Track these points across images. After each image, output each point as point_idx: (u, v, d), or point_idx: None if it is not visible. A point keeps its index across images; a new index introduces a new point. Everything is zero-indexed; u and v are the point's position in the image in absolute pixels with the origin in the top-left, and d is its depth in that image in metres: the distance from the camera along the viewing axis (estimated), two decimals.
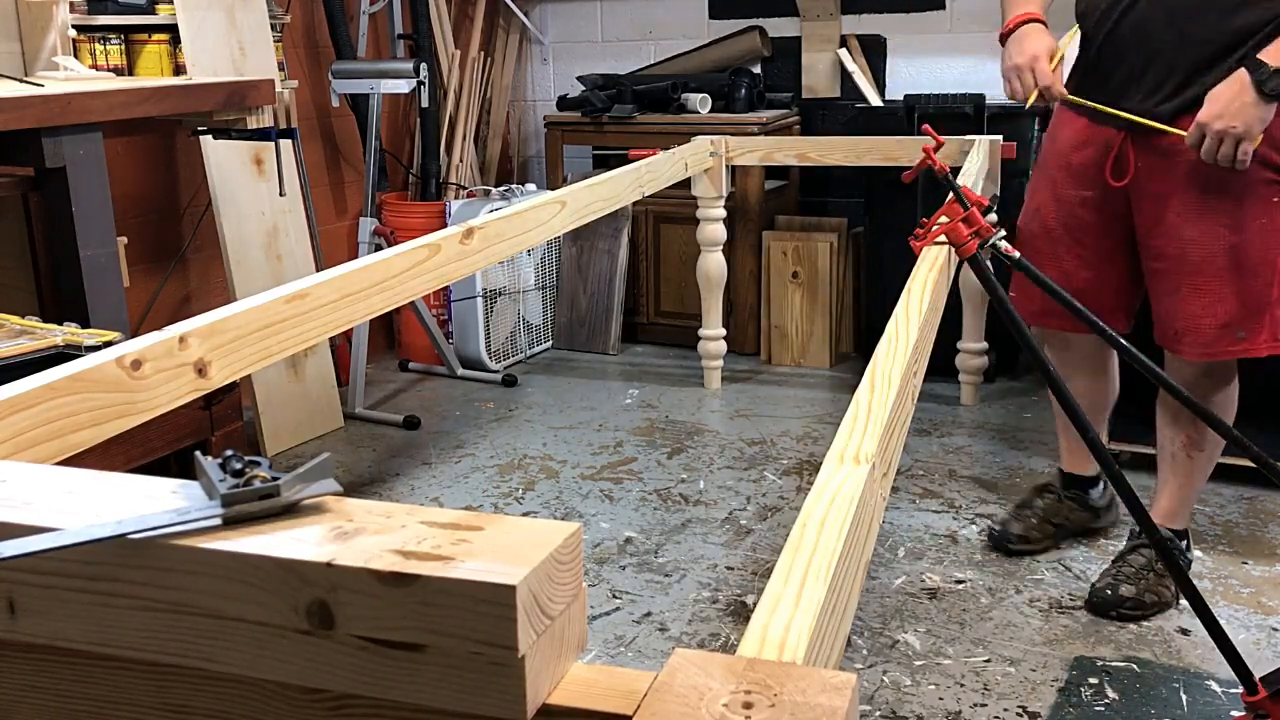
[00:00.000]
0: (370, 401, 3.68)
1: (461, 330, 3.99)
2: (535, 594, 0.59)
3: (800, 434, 3.33)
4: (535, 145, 4.82)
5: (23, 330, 1.95)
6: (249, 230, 3.22)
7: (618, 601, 2.40)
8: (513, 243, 2.19)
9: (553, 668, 0.62)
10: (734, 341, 3.98)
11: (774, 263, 3.97)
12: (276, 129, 2.95)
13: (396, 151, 4.28)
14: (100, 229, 2.45)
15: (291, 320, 1.56)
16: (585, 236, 4.16)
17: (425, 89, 3.62)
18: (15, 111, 2.23)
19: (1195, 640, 2.17)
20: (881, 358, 1.44)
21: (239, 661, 0.64)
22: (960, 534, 2.66)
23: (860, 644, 2.20)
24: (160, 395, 1.34)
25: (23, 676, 0.72)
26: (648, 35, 4.52)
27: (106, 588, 0.66)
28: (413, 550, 0.61)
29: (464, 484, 3.04)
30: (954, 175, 1.93)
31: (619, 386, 3.83)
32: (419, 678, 0.60)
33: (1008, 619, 2.29)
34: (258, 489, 0.66)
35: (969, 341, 3.52)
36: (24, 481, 0.73)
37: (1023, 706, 2.00)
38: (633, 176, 2.88)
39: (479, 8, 4.45)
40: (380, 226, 3.72)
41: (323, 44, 3.92)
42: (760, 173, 3.99)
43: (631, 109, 4.06)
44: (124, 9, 3.04)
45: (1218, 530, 2.64)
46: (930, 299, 1.72)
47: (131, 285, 2.94)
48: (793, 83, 4.27)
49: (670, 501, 2.89)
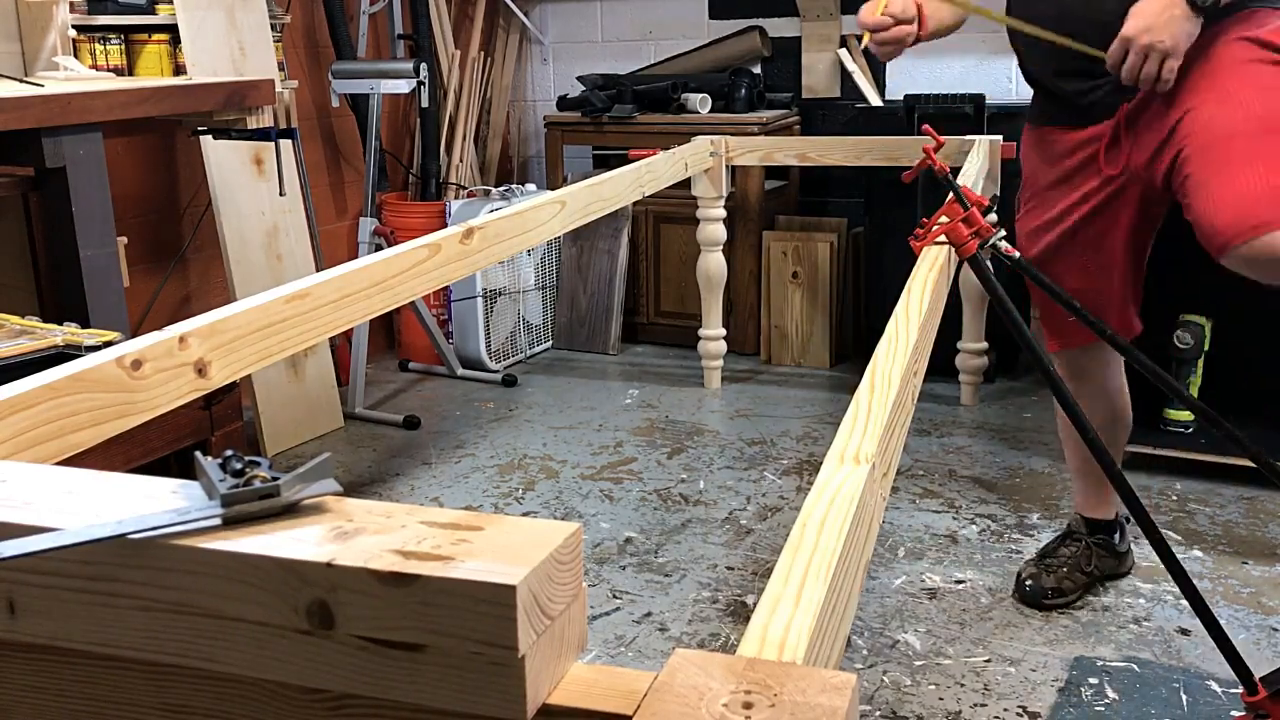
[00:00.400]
0: (370, 401, 3.68)
1: (461, 330, 3.99)
2: (535, 594, 0.59)
3: (800, 434, 3.33)
4: (535, 145, 4.82)
5: (23, 330, 1.95)
6: (249, 230, 3.22)
7: (618, 601, 2.40)
8: (513, 243, 2.19)
9: (553, 668, 0.62)
10: (734, 341, 3.98)
11: (774, 263, 3.97)
12: (276, 129, 2.95)
13: (396, 151, 4.28)
14: (100, 229, 2.45)
15: (291, 320, 1.56)
16: (585, 236, 4.16)
17: (425, 89, 3.62)
18: (15, 111, 2.24)
19: (1195, 640, 2.17)
20: (881, 358, 1.44)
21: (239, 661, 0.64)
22: (960, 534, 2.66)
23: (860, 644, 2.20)
24: (160, 395, 1.34)
25: (23, 676, 0.72)
26: (648, 35, 4.52)
27: (106, 588, 0.66)
28: (413, 550, 0.61)
29: (464, 484, 3.04)
30: (954, 175, 1.93)
31: (619, 386, 3.83)
32: (419, 678, 0.60)
33: (1008, 619, 2.29)
34: (258, 489, 0.66)
35: (969, 341, 3.52)
36: (24, 481, 0.73)
37: (1023, 706, 2.00)
38: (633, 176, 2.88)
39: (479, 8, 4.45)
40: (380, 226, 3.72)
41: (323, 44, 3.92)
42: (760, 173, 3.99)
43: (631, 109, 4.06)
44: (124, 9, 3.04)
45: (1218, 530, 2.64)
46: (930, 299, 1.72)
47: (131, 285, 2.94)
48: (793, 83, 4.27)
49: (670, 501, 2.89)
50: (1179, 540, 2.58)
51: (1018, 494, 2.87)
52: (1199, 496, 2.82)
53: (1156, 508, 2.74)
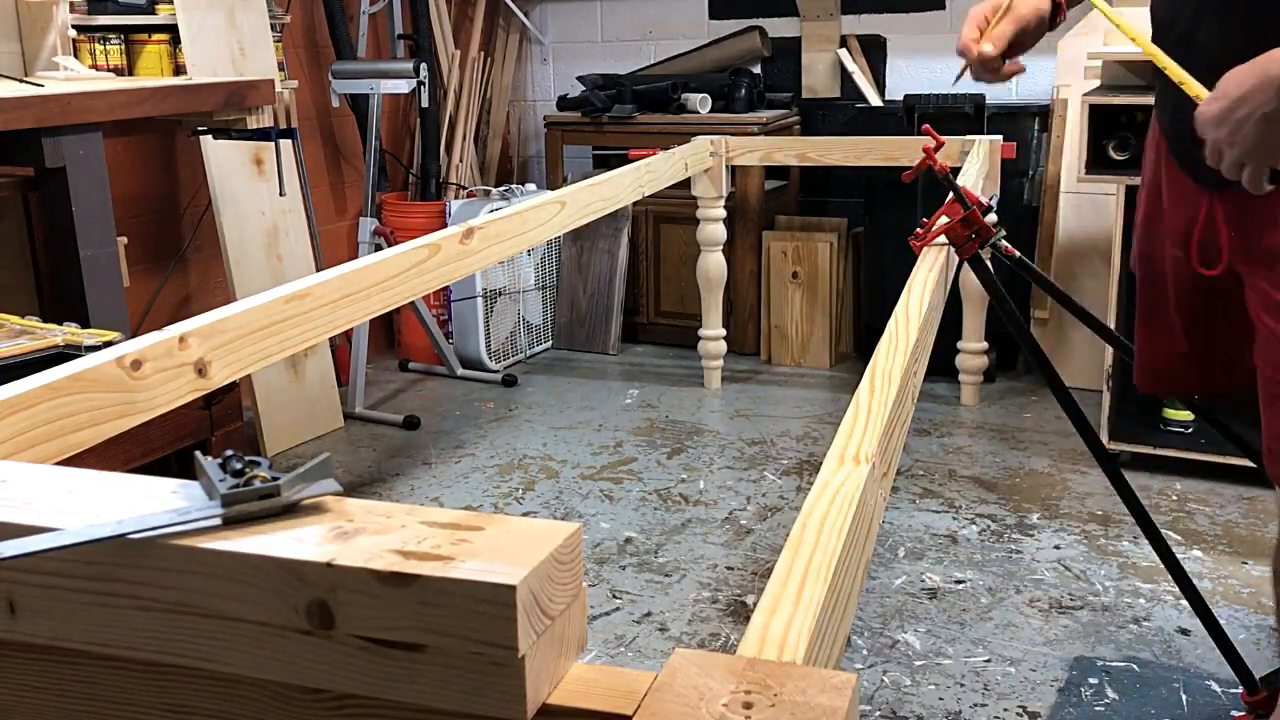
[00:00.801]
0: (370, 401, 3.68)
1: (461, 330, 3.99)
2: (535, 594, 0.59)
3: (800, 434, 3.33)
4: (535, 145, 4.82)
5: (23, 330, 1.95)
6: (249, 230, 3.22)
7: (618, 601, 2.40)
8: (513, 243, 2.19)
9: (553, 668, 0.62)
10: (734, 341, 3.98)
11: (774, 263, 3.97)
12: (276, 129, 2.95)
13: (396, 151, 4.28)
14: (100, 229, 2.45)
15: (291, 320, 1.56)
16: (585, 236, 4.16)
17: (425, 89, 3.62)
18: (15, 111, 2.23)
19: (1195, 640, 2.17)
20: (881, 358, 1.44)
21: (239, 661, 0.64)
22: (960, 534, 2.66)
23: (860, 644, 2.20)
24: (160, 395, 1.34)
25: (23, 676, 0.72)
26: (648, 35, 4.52)
27: (106, 588, 0.66)
28: (413, 550, 0.61)
29: (464, 484, 3.04)
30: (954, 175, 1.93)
31: (619, 386, 3.83)
32: (419, 678, 0.60)
33: (1008, 619, 2.29)
34: (258, 489, 0.66)
35: (969, 341, 3.52)
36: (24, 481, 0.73)
37: (1023, 706, 2.00)
38: (633, 176, 2.88)
39: (479, 8, 4.45)
40: (380, 226, 3.72)
41: (323, 44, 3.92)
42: (760, 173, 3.99)
43: (631, 109, 4.06)
44: (124, 9, 3.04)
45: (1218, 530, 2.64)
46: (930, 299, 1.72)
47: (131, 285, 2.94)
48: (793, 83, 4.27)
49: (670, 501, 2.89)
50: (1179, 540, 2.58)
51: (1018, 494, 2.87)
52: (1199, 496, 2.82)
53: (1156, 508, 2.74)
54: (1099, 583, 2.41)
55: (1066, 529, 2.66)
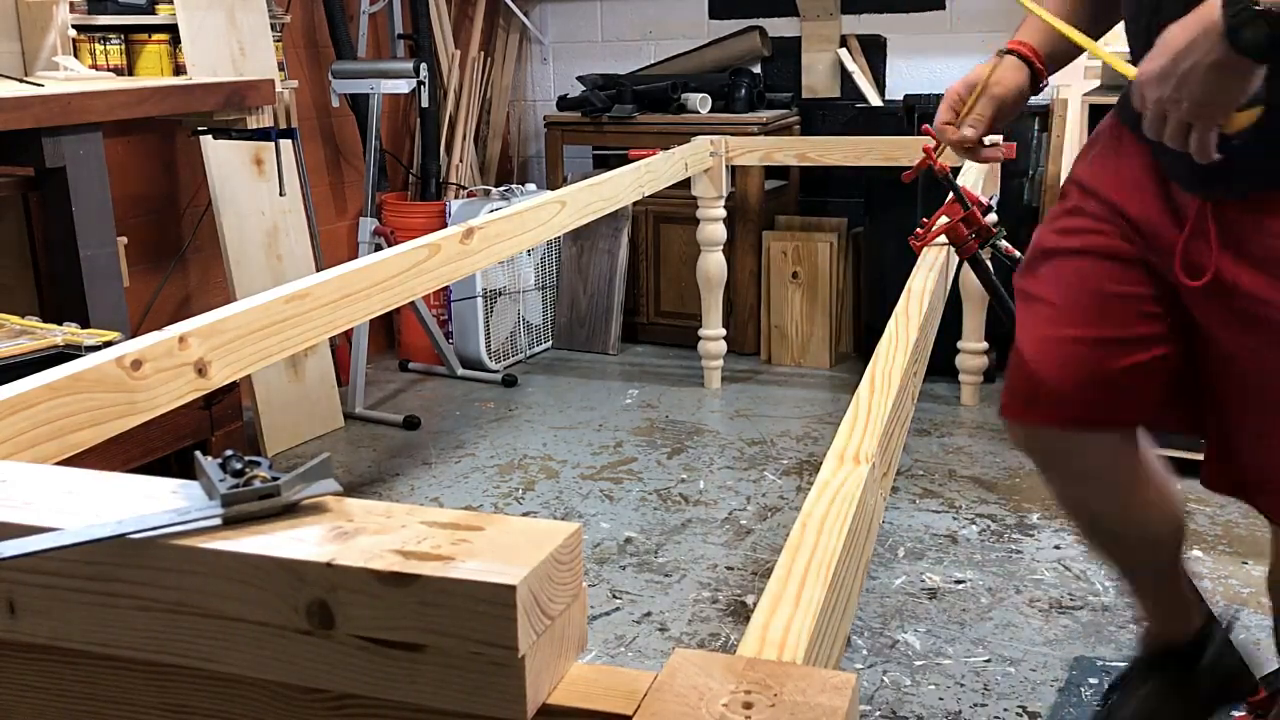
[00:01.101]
0: (370, 401, 3.68)
1: (461, 330, 3.99)
2: (535, 594, 0.59)
3: (800, 434, 3.33)
4: (535, 145, 4.82)
5: (23, 330, 1.95)
6: (249, 230, 3.22)
7: (618, 601, 2.40)
8: (513, 243, 2.19)
9: (553, 668, 0.62)
10: (734, 341, 3.98)
11: (774, 263, 3.97)
12: (276, 129, 2.95)
13: (396, 151, 4.28)
14: (100, 229, 2.45)
15: (291, 320, 1.56)
16: (585, 236, 4.16)
17: (425, 89, 3.62)
18: (15, 111, 2.23)
19: None
20: (881, 358, 1.44)
21: (239, 661, 0.64)
22: (960, 534, 2.66)
23: (860, 644, 2.20)
24: (160, 395, 1.34)
25: (23, 676, 0.72)
26: (648, 35, 4.52)
27: (106, 588, 0.66)
28: (413, 550, 0.61)
29: (464, 484, 3.04)
30: (954, 175, 1.93)
31: (619, 386, 3.83)
32: (419, 678, 0.60)
33: (1008, 619, 2.29)
34: (258, 489, 0.66)
35: (969, 341, 3.52)
36: (24, 481, 0.73)
37: (1023, 706, 2.00)
38: (633, 176, 2.88)
39: (479, 8, 4.45)
40: (380, 226, 3.72)
41: (323, 44, 3.92)
42: (760, 173, 3.99)
43: (631, 109, 4.06)
44: (124, 9, 3.04)
45: (1218, 530, 2.64)
46: (930, 299, 1.72)
47: (131, 285, 2.94)
48: (793, 83, 4.27)
49: (670, 501, 2.89)
50: None
51: (1018, 494, 2.87)
52: (1199, 496, 2.82)
53: None
54: (1099, 583, 2.41)
55: (1066, 529, 2.66)
